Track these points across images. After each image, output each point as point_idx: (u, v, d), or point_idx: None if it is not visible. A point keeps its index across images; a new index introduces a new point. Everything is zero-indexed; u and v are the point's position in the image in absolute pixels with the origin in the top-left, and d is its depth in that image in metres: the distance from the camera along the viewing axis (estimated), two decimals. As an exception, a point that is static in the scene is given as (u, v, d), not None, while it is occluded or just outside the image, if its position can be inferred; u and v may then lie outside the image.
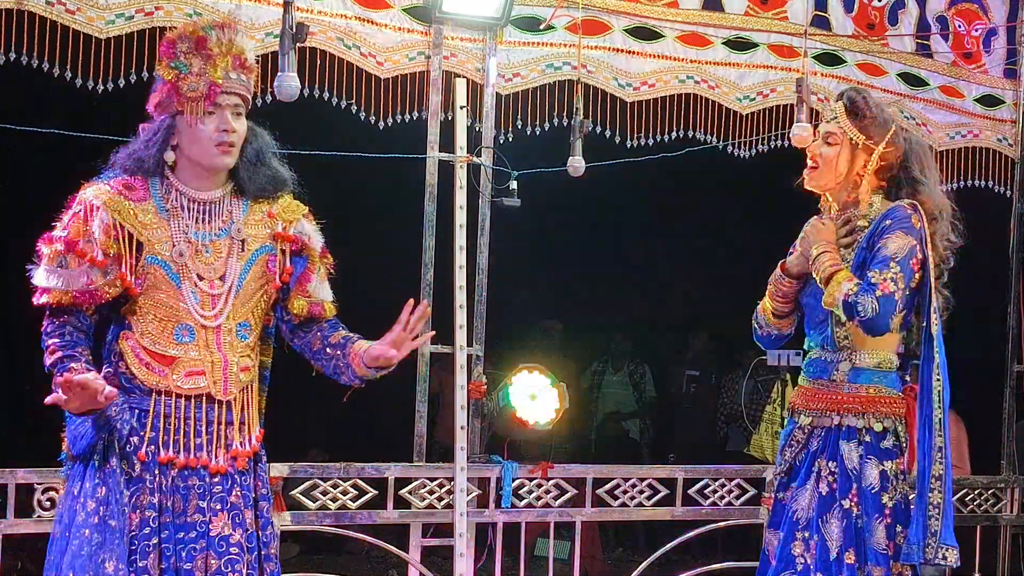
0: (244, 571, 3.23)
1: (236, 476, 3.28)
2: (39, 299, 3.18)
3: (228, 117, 3.21)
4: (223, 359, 3.25)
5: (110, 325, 3.27)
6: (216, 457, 3.24)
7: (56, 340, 3.16)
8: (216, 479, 3.24)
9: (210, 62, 3.18)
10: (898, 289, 3.69)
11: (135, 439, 3.18)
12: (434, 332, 3.56)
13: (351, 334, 3.41)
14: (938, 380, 3.77)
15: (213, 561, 3.20)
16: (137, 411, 3.21)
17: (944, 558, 3.70)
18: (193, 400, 3.23)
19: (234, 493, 3.27)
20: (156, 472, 3.19)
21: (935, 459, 3.74)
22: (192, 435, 3.22)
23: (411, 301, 3.33)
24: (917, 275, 3.76)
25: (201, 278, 3.23)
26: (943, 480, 3.74)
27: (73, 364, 3.10)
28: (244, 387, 3.32)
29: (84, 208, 3.19)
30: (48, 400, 3.05)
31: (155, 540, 3.15)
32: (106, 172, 3.27)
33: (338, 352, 3.38)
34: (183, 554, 3.17)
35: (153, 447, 3.19)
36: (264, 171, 3.33)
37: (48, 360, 3.14)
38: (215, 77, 3.18)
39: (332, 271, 3.47)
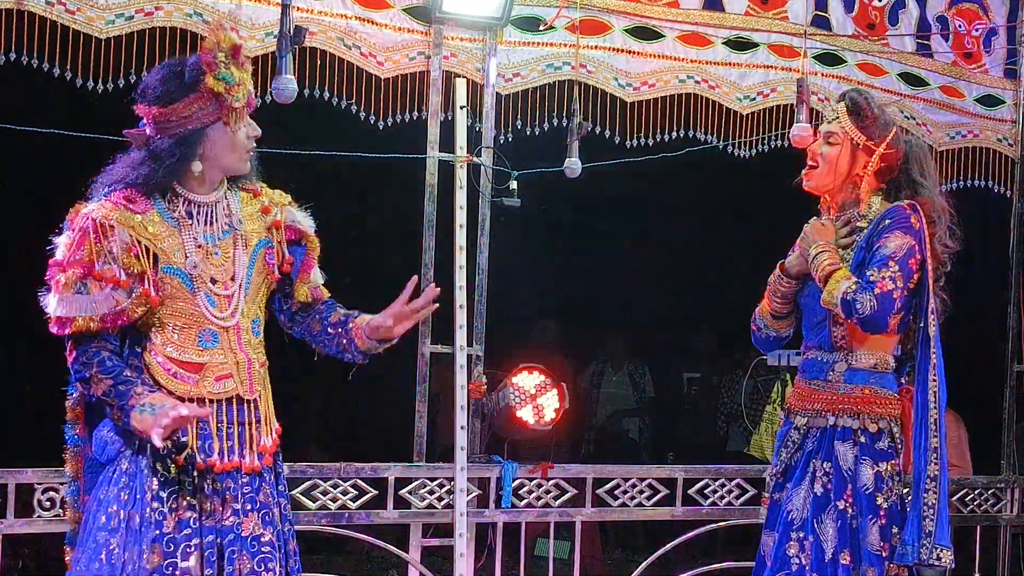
0: (277, 569, 3.23)
1: (264, 473, 3.27)
2: (62, 330, 3.11)
3: (253, 123, 3.25)
4: (246, 358, 3.26)
5: (125, 340, 3.22)
6: (246, 457, 3.23)
7: (96, 370, 3.09)
8: (245, 479, 3.23)
9: (243, 70, 3.19)
10: (896, 288, 3.69)
11: (168, 444, 3.12)
12: (438, 305, 3.48)
13: (351, 311, 3.43)
14: (934, 381, 3.78)
15: (247, 562, 3.18)
16: None
17: (939, 559, 3.69)
18: (224, 404, 3.22)
19: (262, 492, 3.26)
20: (194, 475, 3.15)
21: (931, 459, 3.75)
22: (224, 438, 3.21)
23: (415, 278, 3.35)
24: (916, 275, 3.76)
25: (215, 281, 3.22)
26: (938, 481, 3.74)
27: (136, 389, 3.06)
28: (263, 383, 3.33)
29: (93, 228, 3.12)
30: (157, 442, 2.99)
31: (196, 541, 3.13)
32: (101, 190, 3.19)
33: (339, 330, 3.39)
34: (225, 557, 3.16)
35: (186, 452, 3.15)
36: None
37: (97, 390, 3.09)
38: (250, 86, 3.21)
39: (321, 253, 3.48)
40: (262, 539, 3.22)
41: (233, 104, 3.16)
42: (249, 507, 3.22)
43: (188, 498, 3.14)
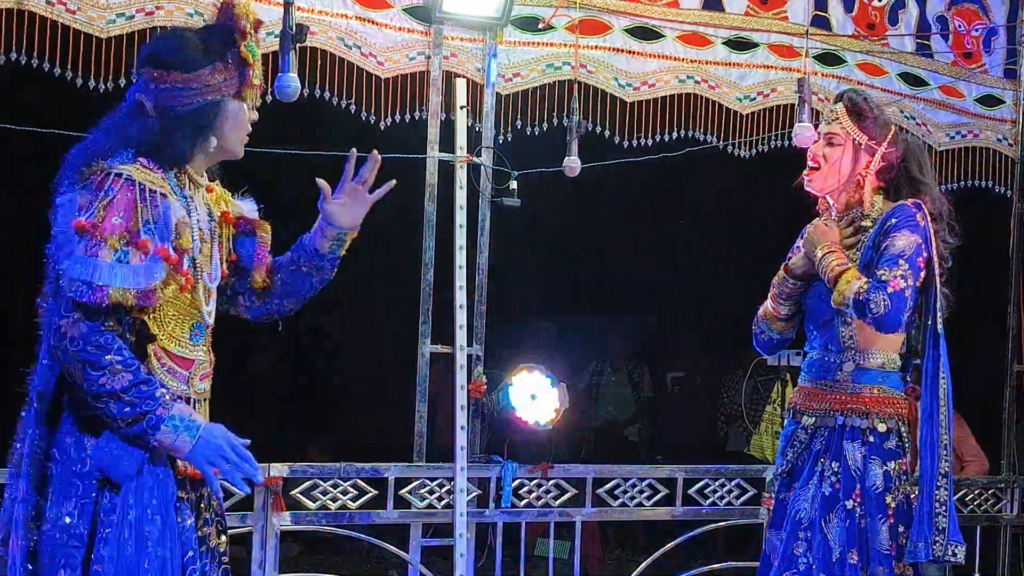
0: None
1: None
2: (91, 299, 2.74)
3: (254, 108, 3.07)
4: (214, 358, 3.10)
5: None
6: None
7: (115, 357, 2.75)
8: (204, 487, 3.02)
9: (260, 48, 3.01)
10: (908, 286, 3.70)
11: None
12: (395, 182, 3.23)
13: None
14: (944, 379, 3.79)
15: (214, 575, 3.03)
16: None
17: (954, 555, 3.72)
18: (200, 405, 3.02)
19: (212, 498, 3.08)
20: (189, 489, 2.97)
21: (942, 456, 3.76)
22: None
23: (353, 151, 3.16)
24: (923, 272, 3.77)
25: (203, 270, 3.01)
26: (949, 478, 3.77)
27: (158, 392, 2.77)
28: None
29: (140, 193, 2.82)
30: (209, 476, 2.81)
31: (198, 564, 2.95)
32: (122, 150, 2.90)
33: (290, 264, 3.18)
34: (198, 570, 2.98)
35: (182, 463, 2.92)
36: None
37: (113, 382, 2.74)
38: (260, 69, 3.03)
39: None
40: (219, 549, 3.05)
41: (253, 80, 2.98)
42: (208, 515, 3.04)
43: (190, 517, 2.96)
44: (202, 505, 3.03)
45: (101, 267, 2.76)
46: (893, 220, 3.79)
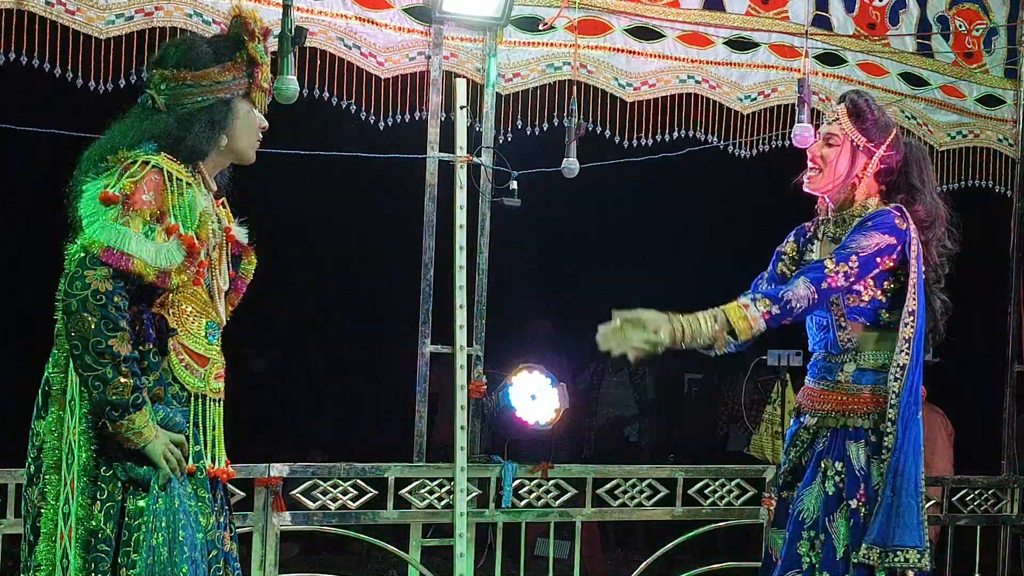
0: None
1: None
2: (118, 264, 2.76)
3: (262, 116, 3.12)
4: (225, 361, 3.13)
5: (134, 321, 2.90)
6: (223, 463, 3.07)
7: (128, 328, 2.78)
8: (220, 491, 3.06)
9: (267, 54, 3.07)
10: (833, 285, 3.63)
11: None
12: None
13: None
14: (900, 381, 3.75)
15: None
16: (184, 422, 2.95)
17: (931, 561, 3.71)
18: (219, 404, 3.04)
19: (226, 501, 3.13)
20: (210, 487, 2.98)
21: (920, 463, 3.77)
22: (214, 444, 3.03)
23: None
24: (884, 271, 3.74)
25: (216, 268, 3.04)
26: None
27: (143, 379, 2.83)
28: None
29: (169, 179, 2.87)
30: (162, 466, 2.80)
31: (221, 564, 2.98)
32: (145, 144, 2.92)
33: None
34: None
35: (202, 460, 2.96)
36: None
37: (120, 347, 2.75)
38: (268, 73, 3.09)
39: None
40: (231, 555, 3.07)
41: (261, 83, 3.04)
42: (223, 519, 3.06)
43: (212, 516, 2.97)
44: (218, 507, 3.05)
45: (130, 236, 2.78)
46: (869, 223, 3.77)
